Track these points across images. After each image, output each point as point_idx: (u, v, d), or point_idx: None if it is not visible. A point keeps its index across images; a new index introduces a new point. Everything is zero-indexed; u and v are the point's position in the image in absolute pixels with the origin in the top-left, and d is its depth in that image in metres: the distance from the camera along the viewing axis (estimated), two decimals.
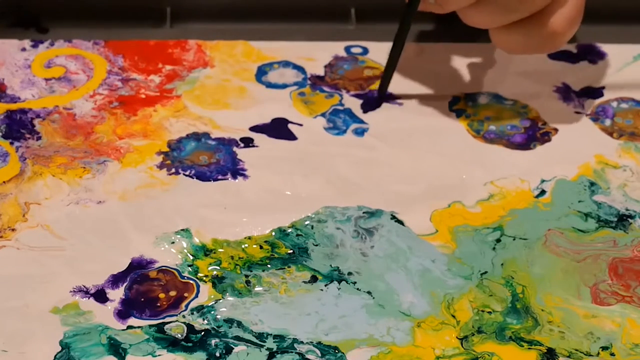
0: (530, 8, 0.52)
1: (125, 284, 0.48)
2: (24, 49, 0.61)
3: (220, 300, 0.48)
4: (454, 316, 0.47)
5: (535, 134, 0.57)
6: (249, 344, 0.46)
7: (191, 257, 0.50)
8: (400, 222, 0.52)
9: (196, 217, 0.51)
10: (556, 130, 0.57)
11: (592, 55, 0.62)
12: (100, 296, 0.48)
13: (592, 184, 0.54)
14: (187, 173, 0.54)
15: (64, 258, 0.49)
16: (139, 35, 0.62)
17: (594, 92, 0.59)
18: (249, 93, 0.58)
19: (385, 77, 0.57)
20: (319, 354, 0.46)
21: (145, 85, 0.59)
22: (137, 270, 0.49)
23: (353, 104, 0.58)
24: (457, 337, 0.47)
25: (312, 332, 0.47)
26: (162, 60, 0.60)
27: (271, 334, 0.46)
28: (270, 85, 0.59)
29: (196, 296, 0.48)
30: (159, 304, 0.48)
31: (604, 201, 0.53)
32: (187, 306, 0.47)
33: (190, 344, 0.46)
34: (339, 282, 0.49)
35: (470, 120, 0.57)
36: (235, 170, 0.54)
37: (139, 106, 0.57)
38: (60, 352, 0.45)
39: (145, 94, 0.58)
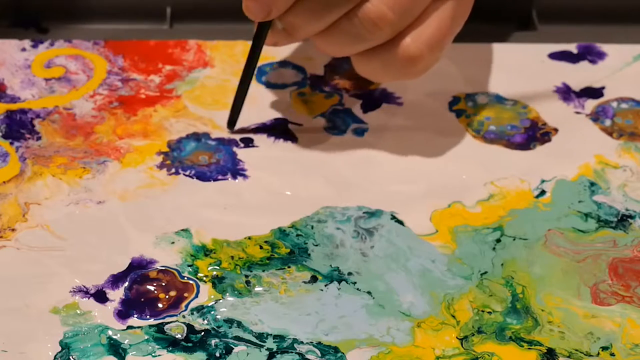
0: (380, 36, 0.50)
1: (125, 284, 0.48)
2: (24, 49, 0.61)
3: (220, 301, 0.48)
4: (454, 316, 0.47)
5: (535, 134, 0.57)
6: (249, 344, 0.46)
7: (191, 257, 0.50)
8: (400, 222, 0.52)
9: (196, 217, 0.51)
10: (556, 130, 0.57)
11: (592, 55, 0.62)
12: (100, 296, 0.48)
13: (592, 184, 0.54)
14: (187, 173, 0.54)
15: (64, 258, 0.49)
16: (139, 35, 0.62)
17: (594, 92, 0.59)
18: (249, 93, 0.58)
19: (235, 108, 0.55)
20: (319, 354, 0.46)
21: (145, 85, 0.59)
22: (137, 270, 0.49)
23: (353, 104, 0.58)
24: (457, 337, 0.47)
25: (312, 332, 0.47)
26: (162, 60, 0.60)
27: (271, 334, 0.46)
28: (270, 85, 0.59)
29: (196, 296, 0.48)
30: (159, 304, 0.48)
31: (604, 201, 0.53)
32: (187, 306, 0.48)
33: (190, 344, 0.46)
34: (339, 282, 0.49)
35: (470, 120, 0.57)
36: (235, 170, 0.54)
37: (139, 106, 0.57)
38: (60, 352, 0.45)
39: (145, 94, 0.58)
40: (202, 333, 0.47)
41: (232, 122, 0.56)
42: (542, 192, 0.53)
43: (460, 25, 0.52)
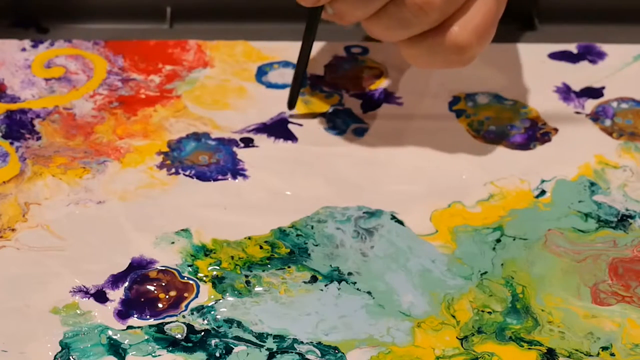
0: (427, 21, 0.49)
1: (125, 284, 0.48)
2: (24, 49, 0.61)
3: (220, 301, 0.48)
4: (454, 316, 0.47)
5: (535, 134, 0.57)
6: (249, 344, 0.46)
7: (191, 257, 0.50)
8: (400, 222, 0.52)
9: (196, 217, 0.51)
10: (556, 130, 0.57)
11: (592, 55, 0.62)
12: (100, 296, 0.48)
13: (592, 184, 0.54)
14: (187, 173, 0.54)
15: (64, 258, 0.49)
16: (139, 35, 0.62)
17: (594, 92, 0.59)
18: (249, 93, 0.58)
19: (294, 89, 0.56)
20: (319, 354, 0.46)
21: (145, 85, 0.59)
22: (137, 270, 0.49)
23: (353, 104, 0.58)
24: (457, 337, 0.47)
25: (312, 332, 0.47)
26: (162, 60, 0.60)
27: (271, 334, 0.46)
28: (270, 85, 0.59)
29: (196, 296, 0.48)
30: (159, 304, 0.48)
31: (604, 201, 0.53)
32: (187, 306, 0.47)
33: (190, 344, 0.46)
34: (339, 282, 0.49)
35: (470, 120, 0.57)
36: (235, 170, 0.54)
37: (139, 106, 0.57)
38: (60, 352, 0.45)
39: (145, 94, 0.58)
40: (202, 333, 0.46)
41: (292, 104, 0.56)
42: (542, 192, 0.53)
43: (502, 12, 0.52)
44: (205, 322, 0.47)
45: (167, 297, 0.48)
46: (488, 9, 0.50)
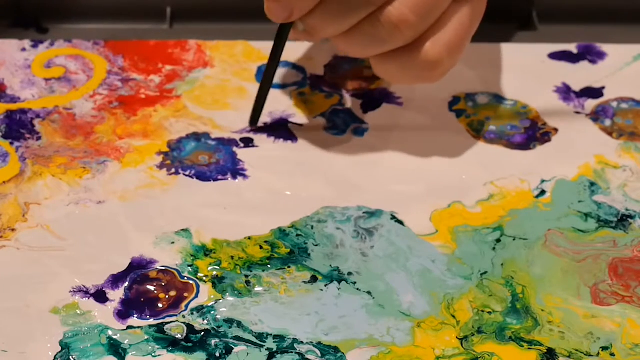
0: (401, 39, 0.49)
1: (125, 284, 0.48)
2: (24, 49, 0.61)
3: (220, 301, 0.48)
4: (454, 316, 0.47)
5: (535, 134, 0.57)
6: (249, 344, 0.46)
7: (191, 257, 0.50)
8: (400, 222, 0.52)
9: (196, 217, 0.51)
10: (556, 130, 0.57)
11: (592, 55, 0.62)
12: (100, 296, 0.48)
13: (592, 184, 0.54)
14: (187, 173, 0.54)
15: (64, 258, 0.49)
16: (139, 35, 0.62)
17: (594, 92, 0.59)
18: (249, 93, 0.58)
19: (257, 107, 0.55)
20: (319, 354, 0.46)
21: (145, 85, 0.59)
22: (137, 270, 0.49)
23: (353, 104, 0.58)
24: (457, 337, 0.47)
25: (312, 332, 0.47)
26: (162, 61, 0.60)
27: (271, 334, 0.46)
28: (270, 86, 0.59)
29: (196, 296, 0.48)
30: (159, 304, 0.48)
31: (604, 201, 0.53)
32: (187, 306, 0.48)
33: (190, 344, 0.46)
34: (339, 282, 0.49)
35: (470, 120, 0.57)
36: (235, 170, 0.54)
37: (139, 106, 0.57)
38: (60, 352, 0.45)
39: (145, 94, 0.58)
40: (202, 333, 0.46)
41: (254, 121, 0.56)
42: (542, 192, 0.53)
43: (476, 27, 0.52)
44: (205, 322, 0.47)
45: (167, 297, 0.48)
46: (461, 25, 0.50)
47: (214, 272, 0.49)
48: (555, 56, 0.62)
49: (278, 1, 0.50)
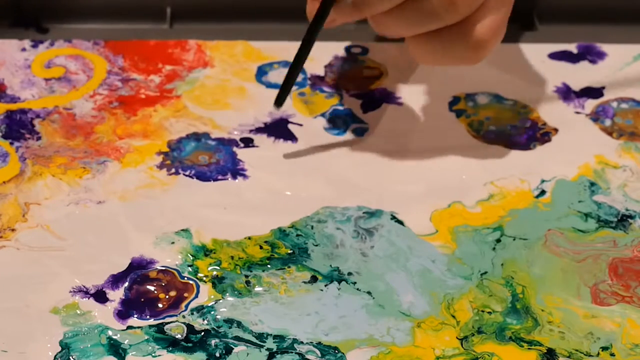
0: (454, 16, 0.48)
1: (125, 284, 0.48)
2: (24, 49, 0.61)
3: (220, 301, 0.48)
4: (454, 316, 0.47)
5: (535, 134, 0.57)
6: (249, 344, 0.46)
7: (191, 257, 0.50)
8: (400, 222, 0.52)
9: (196, 217, 0.51)
10: (556, 130, 0.57)
11: (592, 55, 0.62)
12: (100, 296, 0.48)
13: (592, 184, 0.54)
14: (187, 173, 0.54)
15: (64, 258, 0.49)
16: (139, 35, 0.63)
17: (594, 92, 0.59)
18: (249, 93, 0.58)
19: (285, 87, 0.53)
20: (319, 354, 0.46)
21: (145, 85, 0.59)
22: (137, 270, 0.49)
23: (353, 104, 0.58)
24: (457, 337, 0.47)
25: (312, 332, 0.47)
26: (162, 60, 0.60)
27: (271, 334, 0.46)
28: (270, 85, 0.59)
29: (196, 296, 0.48)
30: (159, 304, 0.48)
31: (604, 201, 0.53)
32: (187, 306, 0.48)
33: (190, 344, 0.46)
34: (339, 282, 0.49)
35: (470, 120, 0.57)
36: (235, 170, 0.54)
37: (139, 106, 0.57)
38: (60, 352, 0.45)
39: (145, 94, 0.58)
40: (202, 333, 0.46)
41: (280, 101, 0.53)
42: (542, 192, 0.53)
43: (511, 9, 0.51)
44: (205, 322, 0.47)
45: (167, 297, 0.48)
46: (504, 7, 0.50)
47: (214, 272, 0.49)
48: (555, 56, 0.62)
49: None
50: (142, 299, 0.48)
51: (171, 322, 0.47)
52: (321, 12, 0.50)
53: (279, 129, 0.56)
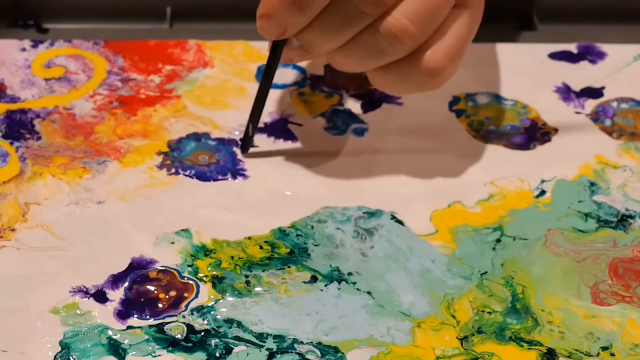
0: (402, 50, 0.48)
1: (125, 284, 0.48)
2: (24, 49, 0.61)
3: (220, 301, 0.48)
4: (454, 316, 0.47)
5: (535, 134, 0.57)
6: (249, 344, 0.46)
7: (191, 257, 0.50)
8: (400, 222, 0.52)
9: (196, 217, 0.51)
10: (556, 130, 0.57)
11: (592, 55, 0.62)
12: (100, 296, 0.48)
13: (592, 184, 0.54)
14: (187, 173, 0.54)
15: (64, 258, 0.49)
16: (139, 35, 0.62)
17: (594, 92, 0.59)
18: (249, 93, 0.58)
19: (248, 132, 0.54)
20: (319, 354, 0.46)
21: (145, 85, 0.59)
22: (137, 270, 0.49)
23: (353, 104, 0.58)
24: (457, 337, 0.47)
25: (312, 332, 0.47)
26: (162, 60, 0.60)
27: (271, 334, 0.46)
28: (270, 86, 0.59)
29: (196, 296, 0.48)
30: (159, 304, 0.48)
31: (604, 201, 0.53)
32: (187, 306, 0.47)
33: (190, 344, 0.46)
34: (339, 282, 0.49)
35: (470, 120, 0.57)
36: (235, 170, 0.54)
37: (139, 106, 0.57)
38: (60, 352, 0.45)
39: (145, 94, 0.58)
40: (202, 333, 0.46)
41: (246, 146, 0.54)
42: (542, 192, 0.53)
43: (475, 32, 0.51)
44: (205, 322, 0.47)
45: (167, 297, 0.48)
46: (460, 31, 0.50)
47: (214, 272, 0.49)
48: (555, 56, 0.62)
49: (270, 18, 0.48)
50: (142, 299, 0.48)
51: (171, 322, 0.47)
52: (273, 55, 0.51)
53: (278, 129, 0.56)
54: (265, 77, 0.52)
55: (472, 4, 0.50)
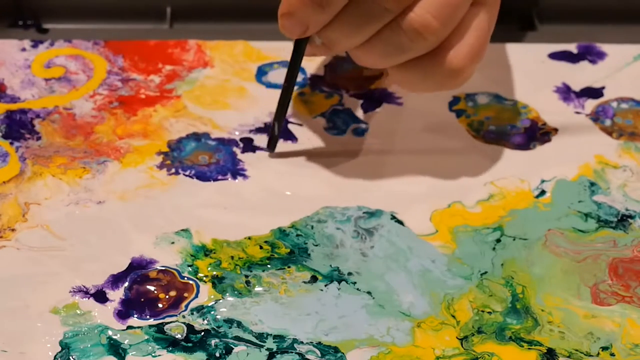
0: (424, 46, 0.48)
1: (125, 284, 0.48)
2: (24, 49, 0.61)
3: (220, 301, 0.48)
4: (454, 316, 0.47)
5: (535, 134, 0.57)
6: (249, 344, 0.46)
7: (191, 257, 0.50)
8: (400, 222, 0.52)
9: (196, 217, 0.51)
10: (556, 130, 0.57)
11: (592, 55, 0.62)
12: (100, 296, 0.48)
13: (592, 184, 0.54)
14: (187, 173, 0.54)
15: (64, 258, 0.49)
16: (139, 35, 0.62)
17: (594, 92, 0.59)
18: (249, 93, 0.58)
19: (277, 124, 0.54)
20: (319, 354, 0.46)
21: (145, 85, 0.59)
22: (137, 270, 0.49)
23: (353, 104, 0.58)
24: (457, 337, 0.47)
25: (312, 333, 0.47)
26: (162, 60, 0.60)
27: (271, 334, 0.46)
28: (270, 85, 0.59)
29: (196, 296, 0.48)
30: (159, 304, 0.48)
31: (604, 201, 0.53)
32: (187, 306, 0.48)
33: (190, 344, 0.46)
34: (339, 282, 0.49)
35: (470, 120, 0.57)
36: (235, 170, 0.54)
37: (139, 106, 0.57)
38: (60, 352, 0.45)
39: (145, 94, 0.58)
40: (202, 333, 0.46)
41: (272, 146, 0.55)
42: (542, 192, 0.53)
43: (492, 30, 0.51)
44: (205, 322, 0.47)
45: (167, 297, 0.48)
46: (481, 30, 0.49)
47: (214, 272, 0.49)
48: (555, 56, 0.62)
49: (292, 16, 0.48)
50: (142, 299, 0.48)
51: (171, 322, 0.47)
52: (296, 54, 0.51)
53: None
54: (289, 76, 0.52)
55: (489, 1, 0.50)
